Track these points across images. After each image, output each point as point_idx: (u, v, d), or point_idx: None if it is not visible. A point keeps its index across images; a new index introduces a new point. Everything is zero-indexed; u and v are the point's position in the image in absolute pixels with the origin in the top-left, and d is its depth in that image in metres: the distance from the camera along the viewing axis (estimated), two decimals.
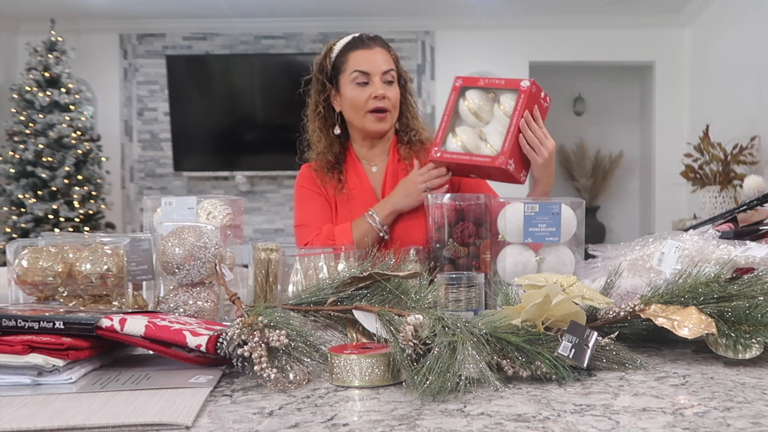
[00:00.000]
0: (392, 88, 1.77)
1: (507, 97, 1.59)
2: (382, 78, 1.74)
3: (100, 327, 0.86)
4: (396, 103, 1.78)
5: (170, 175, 6.30)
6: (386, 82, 1.75)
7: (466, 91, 1.65)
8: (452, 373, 0.74)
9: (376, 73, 1.74)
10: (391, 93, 1.76)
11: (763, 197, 1.46)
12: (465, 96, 1.64)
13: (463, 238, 1.44)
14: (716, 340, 0.89)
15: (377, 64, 1.74)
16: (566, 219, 1.32)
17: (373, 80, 1.74)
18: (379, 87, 1.73)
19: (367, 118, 1.76)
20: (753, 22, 4.74)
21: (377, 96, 1.73)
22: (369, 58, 1.75)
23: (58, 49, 5.54)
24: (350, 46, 1.78)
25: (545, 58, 6.21)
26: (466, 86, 1.65)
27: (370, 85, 1.74)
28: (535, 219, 1.31)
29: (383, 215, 1.70)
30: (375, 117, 1.75)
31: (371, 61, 1.74)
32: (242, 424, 0.66)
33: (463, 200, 1.46)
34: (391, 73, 1.76)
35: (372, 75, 1.74)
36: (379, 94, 1.73)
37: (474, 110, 1.62)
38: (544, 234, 1.31)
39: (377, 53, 1.76)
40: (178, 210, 1.31)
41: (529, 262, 1.32)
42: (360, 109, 1.76)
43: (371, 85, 1.74)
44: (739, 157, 4.37)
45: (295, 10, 5.93)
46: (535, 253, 1.33)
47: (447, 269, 1.42)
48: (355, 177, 1.83)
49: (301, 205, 1.85)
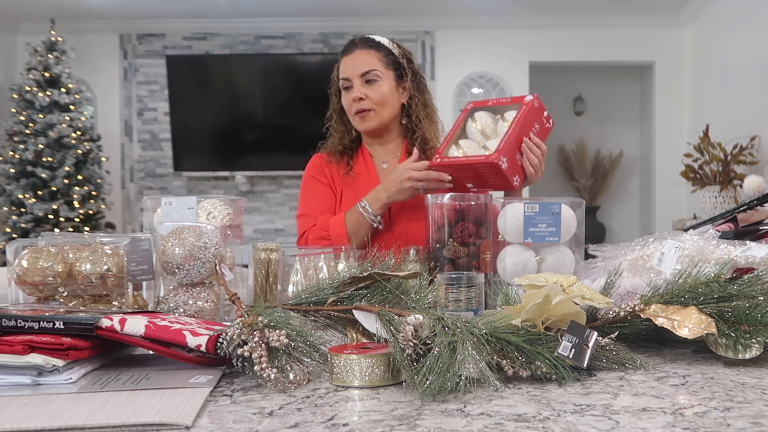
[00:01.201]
0: (374, 87, 1.80)
1: (511, 113, 1.64)
2: (362, 79, 1.80)
3: (100, 327, 0.86)
4: (381, 100, 1.80)
5: (170, 175, 6.30)
6: (367, 81, 1.80)
7: (475, 112, 1.70)
8: (452, 373, 0.74)
9: (354, 77, 1.81)
10: (373, 92, 1.80)
11: (763, 197, 1.46)
12: (474, 117, 1.70)
13: (463, 238, 1.44)
14: (716, 340, 0.89)
15: (354, 68, 1.81)
16: (566, 219, 1.32)
17: (354, 83, 1.81)
18: (357, 90, 1.80)
19: (355, 119, 1.84)
20: (753, 22, 4.75)
21: (354, 99, 1.80)
22: (348, 63, 1.83)
23: (58, 49, 5.54)
24: (341, 55, 1.87)
25: (545, 58, 6.21)
26: (477, 108, 1.70)
27: (353, 89, 1.81)
28: (535, 219, 1.31)
29: (376, 207, 1.72)
30: (358, 118, 1.83)
31: (350, 66, 1.82)
32: (242, 424, 0.66)
33: (463, 200, 1.46)
34: (373, 72, 1.80)
35: (352, 79, 1.81)
36: (355, 97, 1.80)
37: (481, 129, 1.67)
38: (544, 234, 1.31)
39: (357, 56, 1.82)
40: (178, 210, 1.31)
41: (529, 262, 1.32)
42: (349, 113, 1.85)
43: (353, 89, 1.81)
44: (739, 157, 4.37)
45: (295, 10, 5.93)
46: (535, 253, 1.33)
47: (447, 269, 1.42)
48: (363, 165, 1.89)
49: (305, 195, 1.91)
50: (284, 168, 6.12)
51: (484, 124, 1.67)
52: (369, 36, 1.87)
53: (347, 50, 1.85)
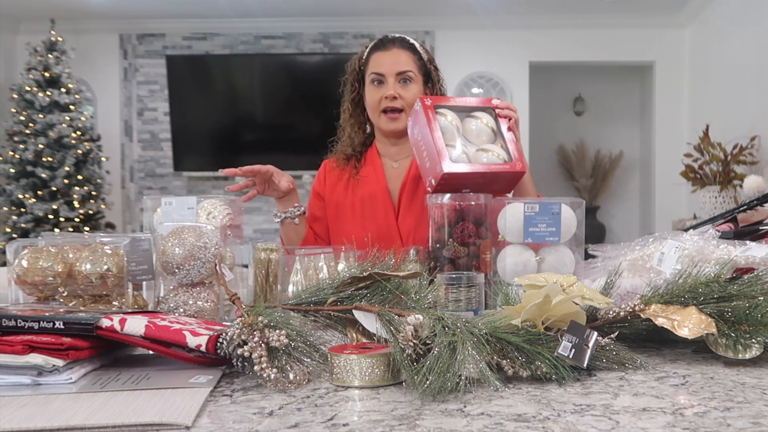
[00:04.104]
0: (408, 88, 1.79)
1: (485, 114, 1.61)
2: (397, 78, 1.79)
3: (99, 327, 0.86)
4: (412, 101, 1.78)
5: (170, 175, 6.30)
6: (402, 81, 1.79)
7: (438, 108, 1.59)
8: (452, 373, 0.74)
9: (390, 74, 1.79)
10: (407, 92, 1.79)
11: (763, 197, 1.46)
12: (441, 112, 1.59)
13: (463, 238, 1.43)
14: (716, 340, 0.89)
15: (392, 65, 1.79)
16: (566, 219, 1.32)
17: (387, 81, 1.79)
18: (391, 87, 1.78)
19: (381, 118, 1.82)
20: (753, 22, 4.74)
21: (388, 96, 1.78)
22: (384, 59, 1.81)
23: (58, 49, 5.54)
24: (373, 49, 1.85)
25: (545, 58, 6.21)
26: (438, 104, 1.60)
27: (384, 85, 1.79)
28: (535, 219, 1.31)
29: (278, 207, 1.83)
30: (387, 117, 1.81)
31: (386, 62, 1.80)
32: (242, 424, 0.66)
33: (463, 200, 1.46)
34: (408, 73, 1.79)
35: (386, 76, 1.79)
36: (389, 95, 1.78)
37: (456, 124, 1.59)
38: (544, 234, 1.31)
39: (394, 54, 1.81)
40: (178, 210, 1.31)
41: (529, 262, 1.32)
42: (374, 109, 1.82)
43: (385, 86, 1.79)
44: (739, 157, 4.37)
45: (295, 10, 5.93)
46: (535, 253, 1.33)
47: (447, 269, 1.42)
48: (371, 167, 1.88)
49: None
50: (284, 168, 5.99)
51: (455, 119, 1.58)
52: (404, 36, 1.87)
53: (383, 46, 1.83)
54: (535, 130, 6.41)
